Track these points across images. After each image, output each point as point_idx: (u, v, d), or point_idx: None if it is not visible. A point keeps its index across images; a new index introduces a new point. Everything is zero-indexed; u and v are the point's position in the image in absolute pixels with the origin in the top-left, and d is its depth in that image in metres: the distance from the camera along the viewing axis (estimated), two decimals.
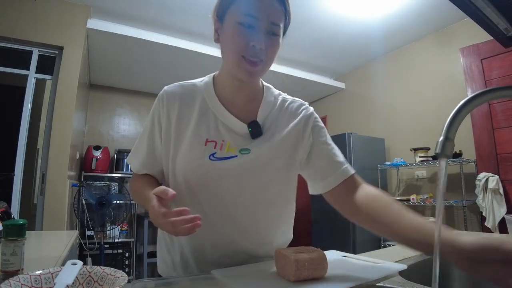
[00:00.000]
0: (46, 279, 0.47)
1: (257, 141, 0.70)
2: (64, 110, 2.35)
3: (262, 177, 0.70)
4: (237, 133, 0.70)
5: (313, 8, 2.64)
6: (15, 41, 2.28)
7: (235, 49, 0.63)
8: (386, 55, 3.50)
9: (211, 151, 0.68)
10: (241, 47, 0.62)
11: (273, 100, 0.76)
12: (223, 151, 0.68)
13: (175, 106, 0.71)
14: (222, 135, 0.69)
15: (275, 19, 0.63)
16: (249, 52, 0.62)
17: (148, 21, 2.79)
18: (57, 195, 2.27)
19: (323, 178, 0.72)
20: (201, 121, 0.70)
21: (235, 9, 0.63)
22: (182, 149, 0.68)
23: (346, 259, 0.75)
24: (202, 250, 0.70)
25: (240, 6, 0.62)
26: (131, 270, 3.39)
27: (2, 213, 1.17)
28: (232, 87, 0.71)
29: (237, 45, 0.62)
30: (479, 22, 0.88)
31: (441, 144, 0.43)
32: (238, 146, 0.69)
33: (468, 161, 2.51)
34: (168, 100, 0.71)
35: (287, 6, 0.66)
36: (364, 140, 3.21)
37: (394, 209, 0.61)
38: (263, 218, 0.73)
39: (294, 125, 0.73)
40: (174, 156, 0.69)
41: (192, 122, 0.70)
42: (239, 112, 0.71)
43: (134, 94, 4.15)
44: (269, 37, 0.64)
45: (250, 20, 0.62)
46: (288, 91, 0.87)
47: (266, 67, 0.67)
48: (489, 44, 2.44)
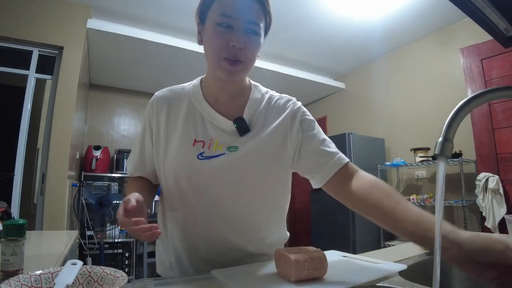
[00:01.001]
0: (46, 279, 0.47)
1: (245, 138, 0.70)
2: (64, 110, 2.35)
3: (251, 173, 0.70)
4: (225, 131, 0.70)
5: (313, 8, 2.64)
6: (15, 41, 2.28)
7: (215, 49, 0.63)
8: (386, 55, 3.50)
9: (200, 151, 0.68)
10: (220, 47, 0.63)
11: (260, 97, 0.76)
12: (211, 150, 0.69)
13: (164, 110, 0.73)
14: (210, 134, 0.70)
15: (254, 18, 0.64)
16: (229, 52, 0.63)
17: (148, 21, 2.79)
18: (57, 195, 2.27)
19: (318, 171, 0.71)
20: (189, 122, 0.71)
21: (214, 10, 0.64)
22: (171, 150, 0.70)
23: (346, 259, 0.75)
24: (196, 249, 0.71)
25: (218, 7, 0.63)
26: (131, 270, 3.39)
27: (2, 213, 1.17)
28: (216, 87, 0.72)
29: (217, 46, 0.63)
30: (479, 22, 0.88)
31: (440, 145, 0.43)
32: (226, 144, 0.69)
33: (468, 161, 2.51)
34: (157, 104, 0.74)
35: (266, 6, 0.66)
36: (364, 140, 3.21)
37: (393, 198, 0.60)
38: (253, 214, 0.73)
39: (281, 121, 0.73)
40: (164, 158, 0.71)
41: (179, 124, 0.71)
42: (225, 110, 0.72)
43: (134, 94, 4.15)
44: (248, 36, 0.64)
45: (228, 20, 0.62)
46: (288, 91, 0.87)
47: (247, 66, 0.66)
48: (489, 44, 2.44)
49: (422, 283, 0.56)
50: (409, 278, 0.60)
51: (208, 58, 0.67)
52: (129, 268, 3.36)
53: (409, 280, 0.59)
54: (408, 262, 0.72)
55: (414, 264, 0.74)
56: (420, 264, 0.77)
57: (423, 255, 0.84)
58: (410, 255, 0.82)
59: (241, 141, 0.70)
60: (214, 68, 0.67)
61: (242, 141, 0.70)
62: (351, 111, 3.97)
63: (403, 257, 0.79)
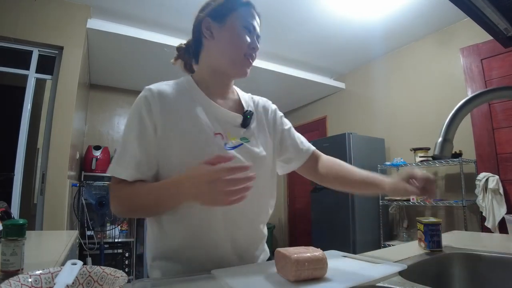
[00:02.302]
0: (46, 279, 0.47)
1: (247, 131, 0.77)
2: (64, 110, 2.35)
3: (260, 161, 0.76)
4: (230, 123, 0.75)
5: (313, 8, 2.64)
6: (15, 41, 2.28)
7: (239, 46, 0.73)
8: (386, 55, 3.50)
9: (223, 142, 0.72)
10: (245, 45, 0.74)
11: (247, 97, 0.86)
12: (230, 141, 0.73)
13: (165, 104, 0.69)
14: (221, 127, 0.73)
15: (259, 30, 0.80)
16: (249, 51, 0.75)
17: (148, 21, 2.79)
18: (57, 195, 2.27)
19: (294, 159, 0.89)
20: (197, 116, 0.71)
21: (240, 14, 0.74)
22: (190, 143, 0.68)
23: (346, 259, 0.75)
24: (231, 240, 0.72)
25: (244, 13, 0.75)
26: (131, 270, 3.39)
27: (2, 213, 1.17)
28: (216, 84, 0.78)
29: (242, 43, 0.73)
30: (479, 22, 0.88)
31: (440, 146, 0.43)
32: (238, 135, 0.75)
33: (468, 161, 2.51)
34: (160, 97, 0.70)
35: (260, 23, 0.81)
36: (364, 140, 3.21)
37: (346, 167, 0.86)
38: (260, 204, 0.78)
39: (267, 118, 0.86)
40: (182, 152, 0.68)
41: (188, 117, 0.70)
42: (224, 105, 0.78)
43: (134, 94, 4.08)
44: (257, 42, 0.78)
45: (251, 26, 0.75)
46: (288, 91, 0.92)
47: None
48: (489, 44, 2.44)
49: (422, 283, 0.56)
50: (409, 278, 0.60)
51: (225, 54, 0.74)
52: (129, 268, 3.36)
53: (409, 280, 0.59)
54: (408, 262, 0.72)
55: (414, 264, 0.74)
56: (420, 264, 0.77)
57: (423, 255, 0.84)
58: (410, 255, 0.82)
59: (248, 133, 0.77)
60: (230, 63, 0.75)
61: (248, 133, 0.77)
62: (351, 111, 3.97)
63: (403, 257, 0.79)
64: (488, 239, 1.18)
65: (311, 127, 4.64)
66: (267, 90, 4.05)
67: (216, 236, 0.70)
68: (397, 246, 1.10)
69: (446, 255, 0.86)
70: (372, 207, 3.07)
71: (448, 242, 0.97)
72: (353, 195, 2.93)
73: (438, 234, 0.88)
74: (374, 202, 3.06)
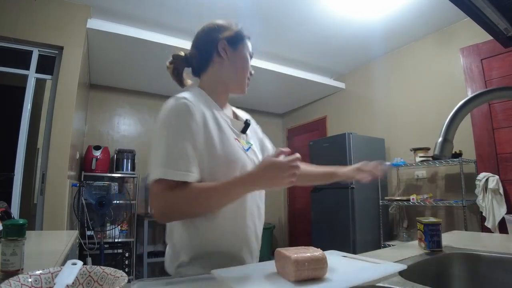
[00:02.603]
0: (46, 279, 0.47)
1: (246, 136, 0.90)
2: (64, 110, 2.35)
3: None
4: (238, 129, 0.87)
5: (313, 8, 2.64)
6: (15, 41, 2.28)
7: (246, 69, 0.90)
8: (386, 55, 3.50)
9: (241, 145, 0.83)
10: (248, 71, 0.91)
11: (234, 108, 0.99)
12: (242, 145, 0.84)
13: (198, 111, 0.76)
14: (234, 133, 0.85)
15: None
16: (249, 76, 0.92)
17: (148, 21, 2.79)
18: (57, 195, 2.27)
19: None
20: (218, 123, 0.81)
21: (246, 45, 0.90)
22: (223, 146, 0.77)
23: (346, 259, 0.75)
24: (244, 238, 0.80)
25: (248, 45, 0.91)
26: (131, 270, 3.39)
27: (2, 213, 1.17)
28: (224, 94, 0.91)
29: (247, 68, 0.90)
30: (479, 22, 0.88)
31: (440, 146, 0.43)
32: (244, 140, 0.87)
33: (468, 161, 2.51)
34: (195, 105, 0.76)
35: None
36: (364, 140, 3.21)
37: (311, 167, 1.06)
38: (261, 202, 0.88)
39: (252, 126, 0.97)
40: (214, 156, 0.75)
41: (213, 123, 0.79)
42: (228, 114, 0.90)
43: (134, 94, 4.15)
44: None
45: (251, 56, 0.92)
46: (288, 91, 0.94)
47: None
48: (489, 44, 2.44)
49: (422, 283, 0.56)
50: (409, 278, 0.60)
51: (234, 73, 0.88)
52: (129, 268, 3.36)
53: (409, 280, 0.59)
54: (408, 262, 0.72)
55: (414, 264, 0.74)
56: (420, 264, 0.77)
57: (423, 255, 0.84)
58: (410, 255, 0.82)
59: (248, 138, 0.91)
60: (237, 82, 0.90)
61: (248, 138, 0.91)
62: (351, 111, 3.97)
63: (403, 257, 0.79)
64: (488, 239, 1.18)
65: (311, 127, 4.64)
66: (267, 90, 4.06)
67: (247, 228, 0.80)
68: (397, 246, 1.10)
69: (446, 255, 0.86)
70: (372, 207, 3.07)
71: (448, 242, 0.97)
72: (353, 195, 2.93)
73: (438, 234, 0.88)
74: (374, 202, 3.06)
